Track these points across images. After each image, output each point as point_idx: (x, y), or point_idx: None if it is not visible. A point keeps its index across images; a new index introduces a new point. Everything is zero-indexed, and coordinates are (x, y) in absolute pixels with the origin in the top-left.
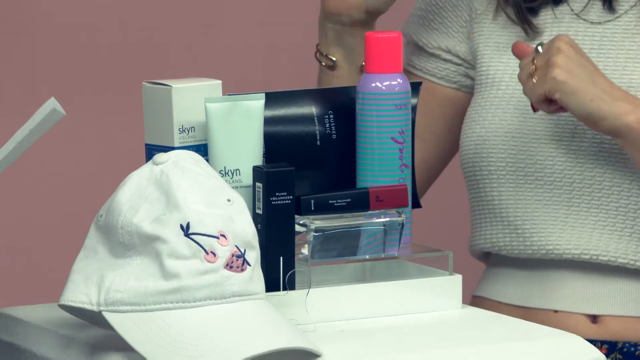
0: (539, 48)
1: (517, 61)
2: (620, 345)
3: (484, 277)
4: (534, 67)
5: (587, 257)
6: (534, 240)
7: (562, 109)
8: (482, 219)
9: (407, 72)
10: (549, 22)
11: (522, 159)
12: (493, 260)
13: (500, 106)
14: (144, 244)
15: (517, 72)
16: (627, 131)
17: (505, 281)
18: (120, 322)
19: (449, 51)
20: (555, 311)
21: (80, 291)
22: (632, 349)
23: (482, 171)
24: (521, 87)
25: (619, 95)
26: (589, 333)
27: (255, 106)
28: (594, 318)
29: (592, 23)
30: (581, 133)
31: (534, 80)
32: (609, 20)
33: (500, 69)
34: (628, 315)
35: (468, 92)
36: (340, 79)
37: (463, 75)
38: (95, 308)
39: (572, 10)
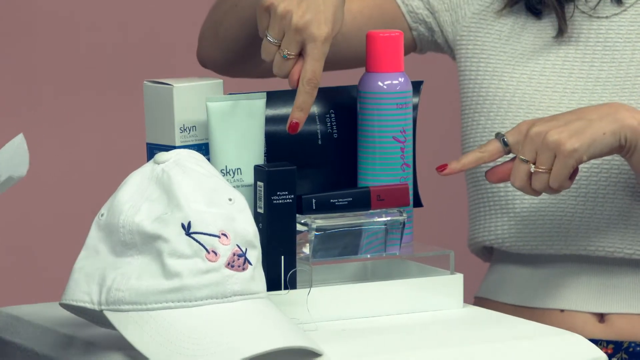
0: (505, 140)
1: (522, 53)
2: (626, 344)
3: (487, 277)
4: (529, 163)
5: (593, 249)
6: (540, 232)
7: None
8: (486, 213)
9: None
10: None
11: None
12: (496, 256)
13: (505, 98)
14: (145, 243)
15: (521, 63)
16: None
17: (509, 280)
18: (121, 321)
19: (431, 8)
20: (562, 311)
21: (82, 290)
22: (638, 348)
23: (488, 164)
24: (527, 79)
25: (607, 110)
26: (596, 333)
27: (256, 105)
28: (600, 317)
29: (598, 17)
30: None
31: (541, 170)
32: (616, 14)
33: (503, 59)
34: (634, 312)
35: (414, 38)
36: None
37: (427, 27)
38: (96, 307)
39: (578, 8)
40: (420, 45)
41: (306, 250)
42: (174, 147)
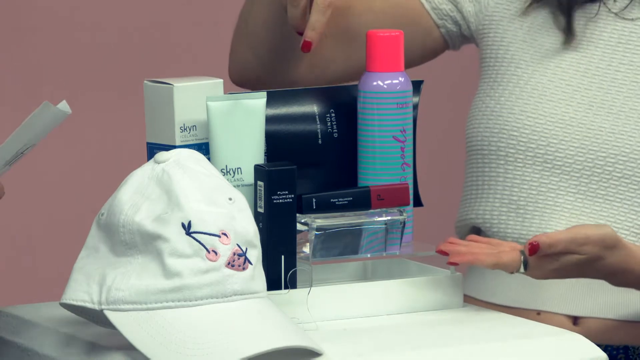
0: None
1: (541, 42)
2: (602, 348)
3: (469, 272)
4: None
5: None
6: (534, 222)
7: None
8: (479, 195)
9: None
10: (582, 20)
11: (534, 140)
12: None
13: (519, 85)
14: (145, 243)
15: (540, 52)
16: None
17: (489, 278)
18: (121, 321)
19: (454, 1)
20: (538, 313)
21: (82, 290)
22: (614, 352)
23: (490, 146)
24: (542, 69)
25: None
26: None
27: (256, 105)
28: (575, 320)
29: (624, 19)
30: (620, 125)
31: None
32: None
33: (522, 47)
34: (608, 317)
35: (443, 36)
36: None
37: (453, 21)
38: (96, 306)
39: (606, 6)
40: (452, 42)
41: (306, 249)
42: (174, 147)
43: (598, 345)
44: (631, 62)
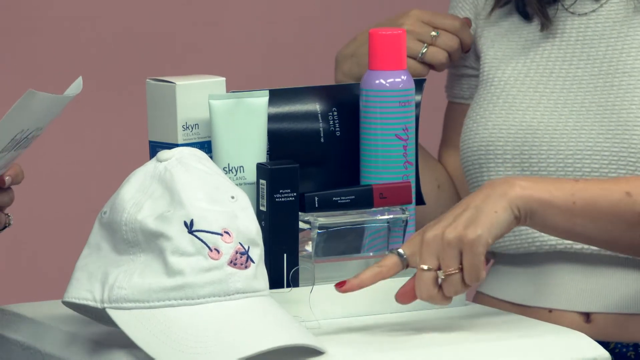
0: (400, 252)
1: (510, 55)
2: (612, 345)
3: (489, 271)
4: (434, 270)
5: (579, 247)
6: (528, 232)
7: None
8: None
9: (451, 104)
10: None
11: (508, 150)
12: (496, 257)
13: (492, 101)
14: (147, 241)
15: (511, 66)
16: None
17: (504, 279)
18: (123, 319)
19: (471, 66)
20: (550, 311)
21: (84, 288)
22: (624, 349)
23: (473, 165)
24: (513, 80)
25: (487, 191)
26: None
27: (259, 103)
28: (587, 317)
29: (579, 15)
30: (582, 121)
31: (452, 272)
32: (593, 11)
33: (494, 65)
34: (619, 312)
35: None
36: None
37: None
38: (99, 305)
39: (563, 5)
40: None
41: (309, 248)
42: (177, 145)
43: (609, 342)
44: (588, 57)
